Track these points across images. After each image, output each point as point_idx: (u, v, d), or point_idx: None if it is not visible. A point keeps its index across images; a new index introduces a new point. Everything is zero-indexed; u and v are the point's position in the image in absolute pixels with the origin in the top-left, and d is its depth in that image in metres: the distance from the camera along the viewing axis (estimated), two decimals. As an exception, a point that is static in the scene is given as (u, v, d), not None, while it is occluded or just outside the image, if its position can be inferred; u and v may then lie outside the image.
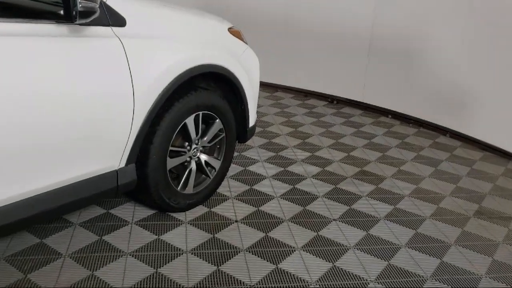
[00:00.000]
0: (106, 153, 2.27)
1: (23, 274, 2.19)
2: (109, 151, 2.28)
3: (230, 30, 2.97)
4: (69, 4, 1.90)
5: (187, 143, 2.69)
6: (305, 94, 5.41)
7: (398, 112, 4.78)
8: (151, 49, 2.35)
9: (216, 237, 2.58)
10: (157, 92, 2.38)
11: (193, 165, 2.74)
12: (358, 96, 5.04)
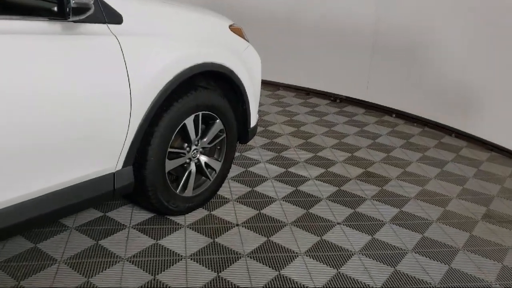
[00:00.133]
0: (101, 155, 2.18)
1: (16, 281, 2.11)
2: (105, 152, 2.20)
3: (231, 27, 2.89)
4: (62, 0, 1.82)
5: (186, 144, 2.61)
6: (307, 92, 5.32)
7: (402, 111, 4.70)
8: (148, 47, 2.27)
9: (216, 242, 2.50)
10: (155, 91, 2.30)
11: (193, 167, 2.66)
12: (361, 94, 4.96)
